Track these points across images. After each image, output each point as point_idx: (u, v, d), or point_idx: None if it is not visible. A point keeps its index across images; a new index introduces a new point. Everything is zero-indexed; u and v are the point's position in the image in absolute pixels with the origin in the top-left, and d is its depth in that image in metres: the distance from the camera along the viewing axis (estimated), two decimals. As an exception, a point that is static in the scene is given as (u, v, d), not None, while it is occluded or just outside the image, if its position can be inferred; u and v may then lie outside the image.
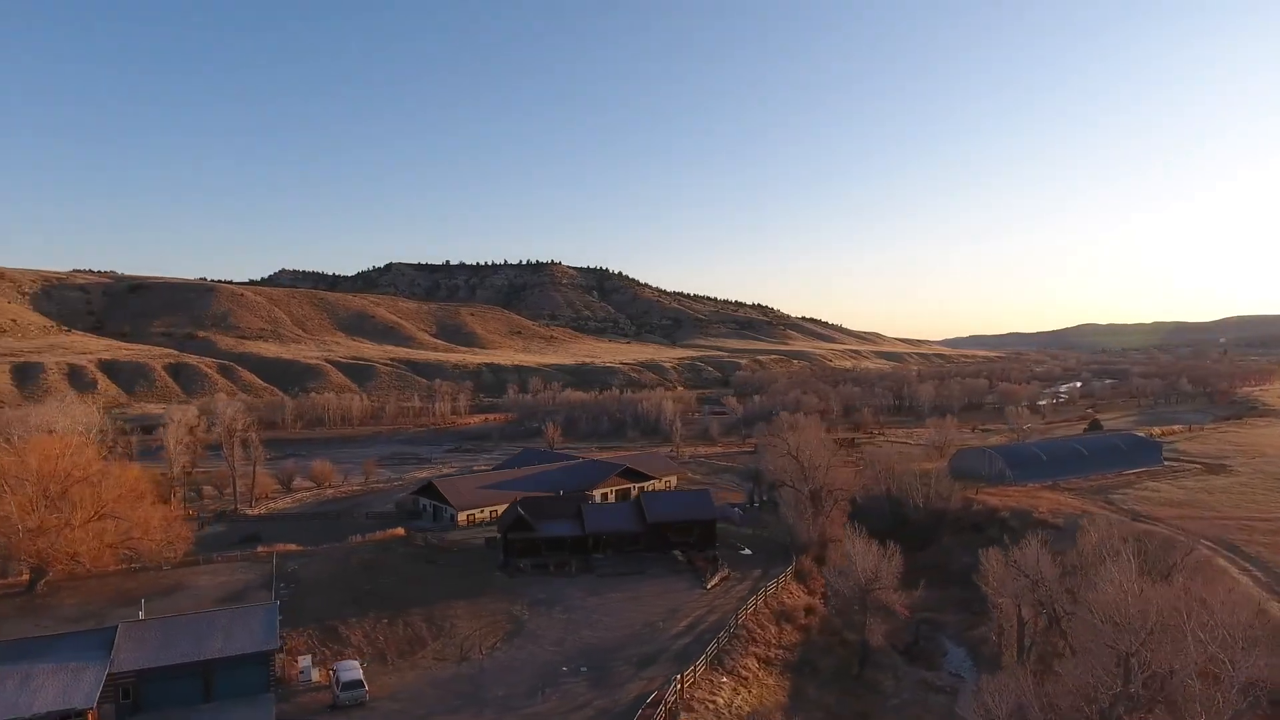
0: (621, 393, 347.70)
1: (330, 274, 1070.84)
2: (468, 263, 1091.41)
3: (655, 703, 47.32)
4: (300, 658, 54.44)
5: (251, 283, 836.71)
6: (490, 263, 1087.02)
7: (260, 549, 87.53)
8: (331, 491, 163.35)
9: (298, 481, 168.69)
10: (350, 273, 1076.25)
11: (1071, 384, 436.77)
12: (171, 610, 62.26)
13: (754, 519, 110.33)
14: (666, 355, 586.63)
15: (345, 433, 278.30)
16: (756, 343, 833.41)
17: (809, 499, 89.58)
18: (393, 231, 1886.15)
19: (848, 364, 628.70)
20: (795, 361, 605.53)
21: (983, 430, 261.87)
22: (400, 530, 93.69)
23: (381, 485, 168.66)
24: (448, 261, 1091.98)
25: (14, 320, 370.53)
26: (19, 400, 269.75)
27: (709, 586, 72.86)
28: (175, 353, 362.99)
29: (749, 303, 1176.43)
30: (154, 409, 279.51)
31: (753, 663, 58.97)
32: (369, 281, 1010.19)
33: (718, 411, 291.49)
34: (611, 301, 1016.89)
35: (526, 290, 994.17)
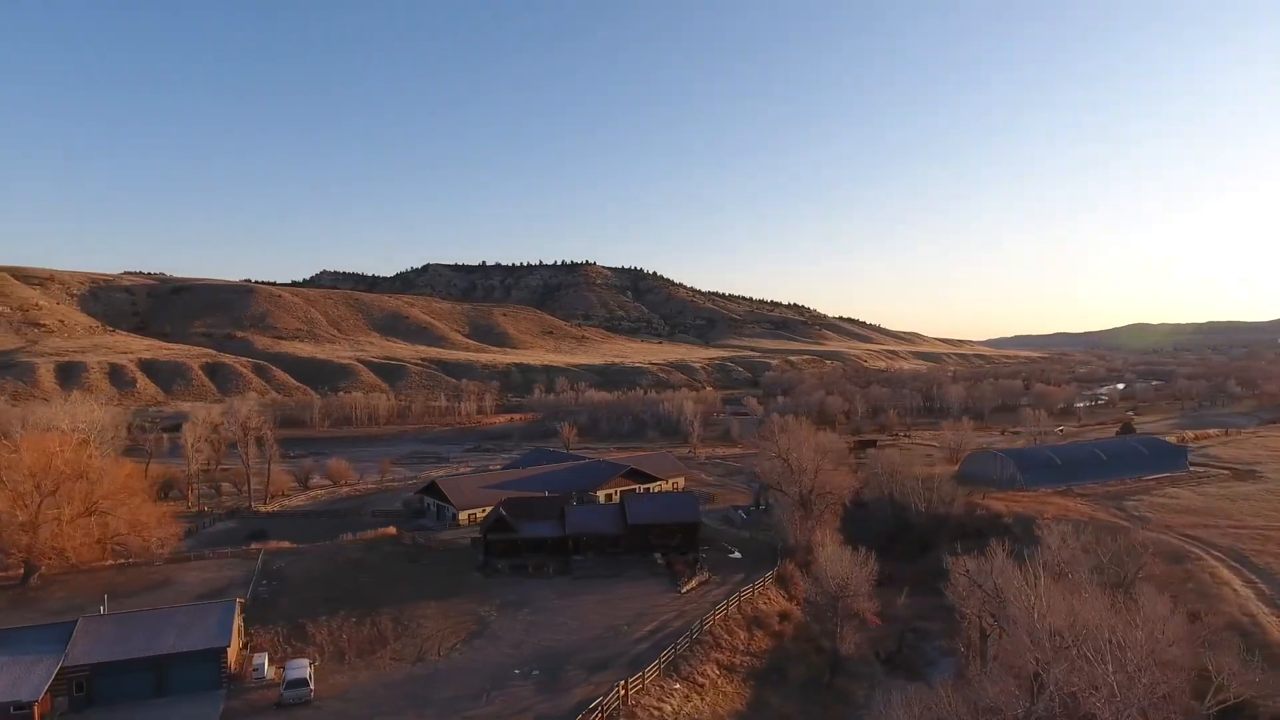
0: (645, 393, 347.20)
1: (370, 275, 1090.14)
2: (503, 263, 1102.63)
3: (596, 709, 46.73)
4: (256, 655, 55.02)
5: (294, 284, 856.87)
6: (525, 263, 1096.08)
7: (254, 546, 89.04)
8: (346, 490, 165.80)
9: (315, 480, 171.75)
10: (389, 274, 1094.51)
11: (1113, 386, 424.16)
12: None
13: (757, 522, 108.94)
14: (697, 355, 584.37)
15: (371, 431, 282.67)
16: (791, 343, 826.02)
17: (798, 502, 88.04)
18: (430, 233, 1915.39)
19: (882, 365, 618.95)
20: (828, 362, 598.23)
21: (1013, 433, 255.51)
22: (392, 529, 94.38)
23: (396, 484, 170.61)
24: (484, 262, 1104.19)
25: (61, 321, 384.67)
26: (60, 395, 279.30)
27: (683, 590, 72.01)
28: (213, 352, 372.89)
29: (785, 302, 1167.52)
30: (189, 408, 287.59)
31: (713, 669, 58.02)
32: (406, 282, 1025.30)
33: (739, 412, 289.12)
34: (645, 302, 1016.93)
35: (561, 291, 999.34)
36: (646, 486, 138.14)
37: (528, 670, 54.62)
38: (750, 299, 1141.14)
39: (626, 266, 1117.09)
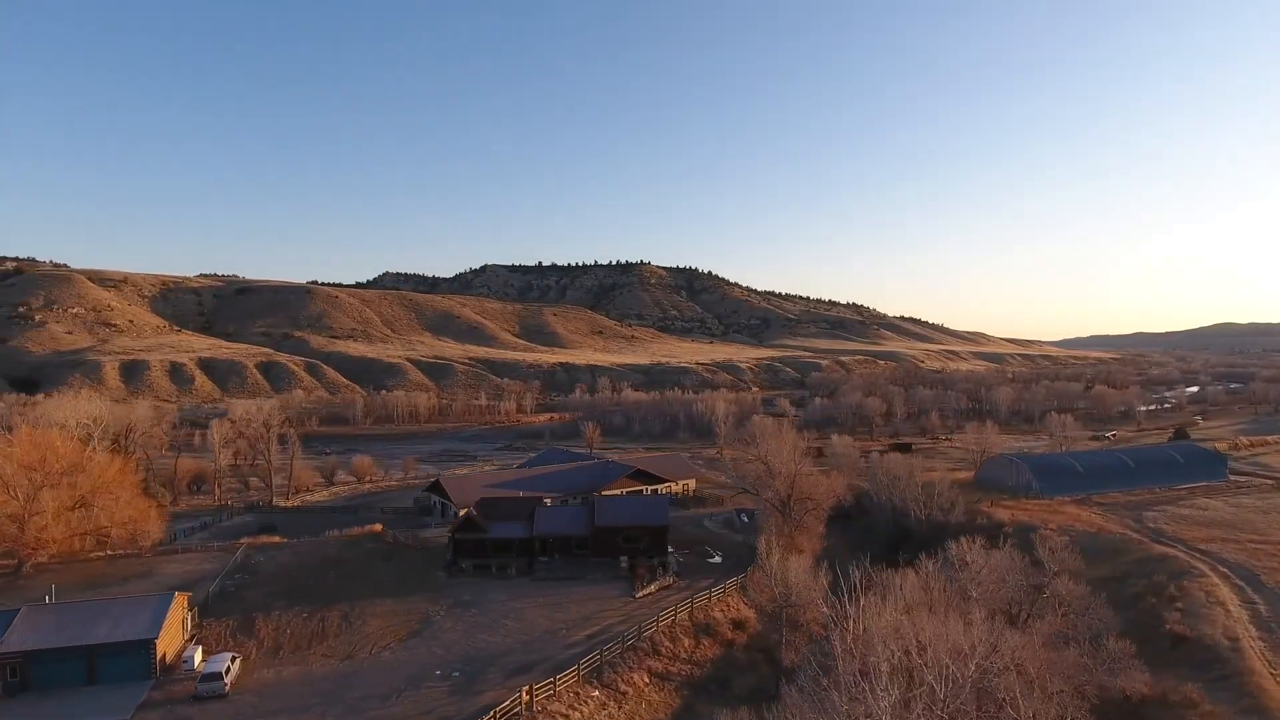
0: (683, 393, 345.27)
1: (430, 276, 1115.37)
2: (559, 264, 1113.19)
3: (494, 714, 46.26)
4: (189, 648, 56.43)
5: (357, 285, 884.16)
6: (580, 264, 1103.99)
7: (244, 540, 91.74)
8: (369, 486, 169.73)
9: (340, 476, 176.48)
10: (448, 274, 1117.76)
11: (1186, 389, 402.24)
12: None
13: (756, 527, 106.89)
14: (746, 356, 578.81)
15: (412, 429, 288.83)
16: (847, 343, 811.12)
17: (777, 508, 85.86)
18: (489, 235, 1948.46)
19: (938, 365, 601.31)
20: (881, 362, 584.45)
21: (1061, 436, 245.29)
22: (377, 527, 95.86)
23: (417, 481, 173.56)
24: (539, 263, 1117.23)
25: (131, 321, 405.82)
26: (125, 393, 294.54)
27: (638, 595, 70.91)
28: (270, 351, 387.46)
29: (843, 301, 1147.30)
30: (243, 404, 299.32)
31: (642, 677, 56.84)
32: (464, 283, 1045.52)
33: (773, 413, 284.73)
34: (700, 301, 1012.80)
35: (615, 290, 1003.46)
36: (654, 488, 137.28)
37: (449, 671, 54.53)
38: (807, 298, 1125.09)
39: (681, 266, 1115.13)
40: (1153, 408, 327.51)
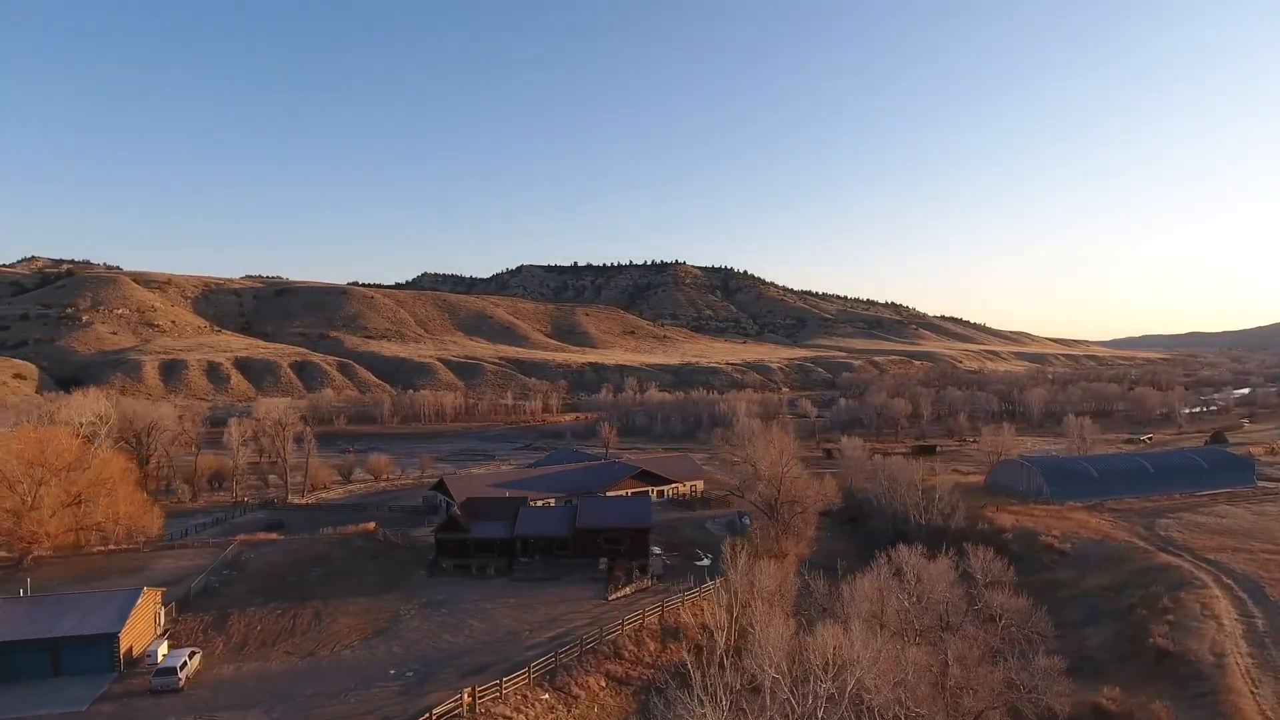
0: (708, 393, 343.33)
1: (467, 276, 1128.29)
2: (594, 264, 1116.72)
3: (437, 715, 46.20)
4: (156, 642, 57.57)
5: (396, 285, 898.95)
6: (615, 264, 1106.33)
7: (240, 537, 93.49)
8: (384, 484, 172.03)
9: (357, 474, 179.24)
10: (485, 275, 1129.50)
11: (1235, 390, 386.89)
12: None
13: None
14: (779, 356, 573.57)
15: (437, 428, 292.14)
16: (884, 343, 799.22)
17: (765, 511, 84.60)
18: (526, 235, 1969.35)
19: (976, 366, 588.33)
20: (917, 363, 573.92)
21: (1100, 439, 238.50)
22: (370, 525, 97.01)
23: (432, 480, 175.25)
24: (575, 263, 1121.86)
25: (173, 321, 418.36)
26: (163, 392, 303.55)
27: (610, 598, 70.40)
28: (304, 351, 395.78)
29: (882, 301, 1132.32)
30: (267, 404, 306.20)
31: (599, 681, 56.34)
32: (501, 283, 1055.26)
33: (796, 415, 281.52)
34: (734, 301, 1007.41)
35: (650, 290, 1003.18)
36: (661, 489, 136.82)
37: (403, 671, 54.71)
38: (844, 298, 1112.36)
39: (717, 266, 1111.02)
40: (1197, 410, 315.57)
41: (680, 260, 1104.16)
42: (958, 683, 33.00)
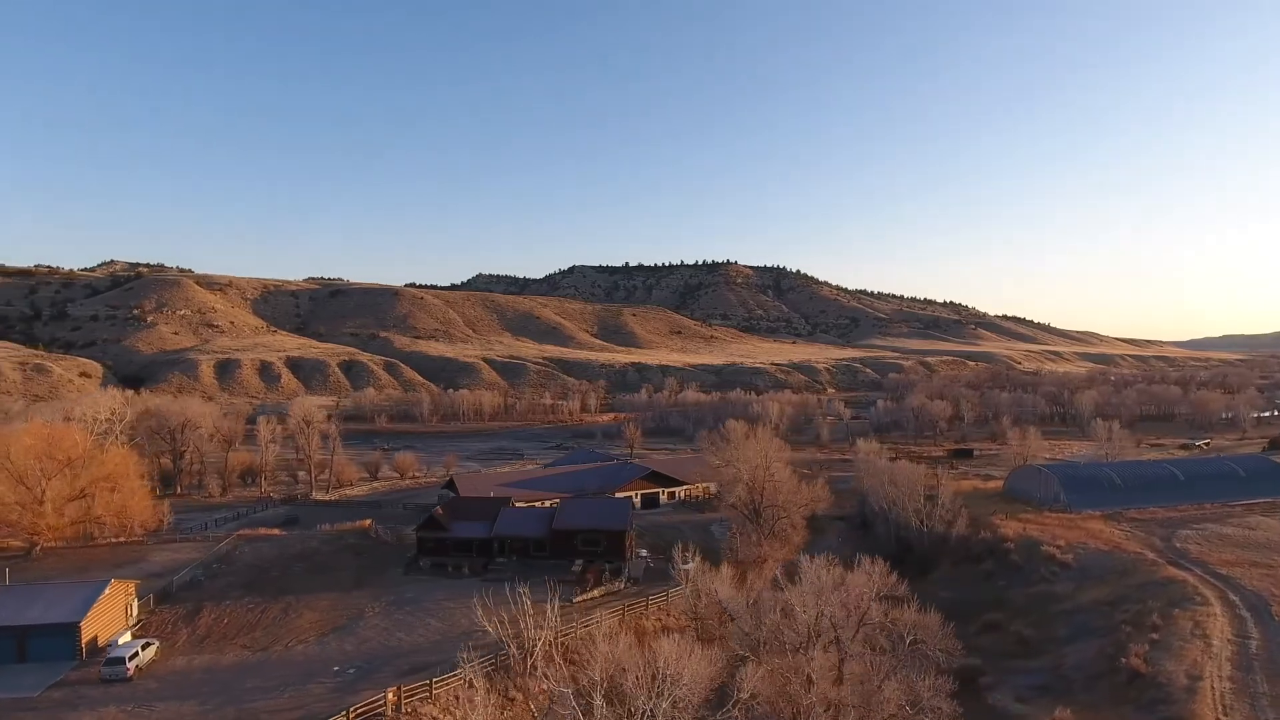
0: (746, 394, 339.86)
1: (520, 277, 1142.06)
2: (646, 264, 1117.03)
3: (356, 712, 46.58)
4: (120, 633, 59.66)
5: (451, 287, 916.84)
6: (666, 264, 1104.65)
7: (239, 532, 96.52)
8: (408, 482, 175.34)
9: (384, 471, 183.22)
10: (538, 275, 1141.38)
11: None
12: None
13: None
14: (827, 356, 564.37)
15: (475, 427, 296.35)
16: (940, 343, 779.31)
17: (748, 515, 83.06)
18: (579, 236, 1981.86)
19: (1034, 366, 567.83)
20: (971, 363, 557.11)
21: (1153, 445, 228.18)
22: (366, 522, 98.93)
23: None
24: (626, 263, 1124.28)
25: (232, 322, 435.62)
26: (217, 390, 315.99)
27: (574, 600, 70.00)
28: (353, 351, 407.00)
29: (940, 300, 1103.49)
30: (301, 402, 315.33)
31: (539, 684, 55.90)
32: (552, 284, 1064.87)
33: (830, 416, 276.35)
34: (786, 301, 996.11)
35: (701, 290, 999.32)
36: (672, 491, 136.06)
37: (346, 668, 55.41)
38: (900, 297, 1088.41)
39: (769, 265, 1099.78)
40: (1267, 414, 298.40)
41: (732, 260, 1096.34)
42: (828, 701, 31.45)
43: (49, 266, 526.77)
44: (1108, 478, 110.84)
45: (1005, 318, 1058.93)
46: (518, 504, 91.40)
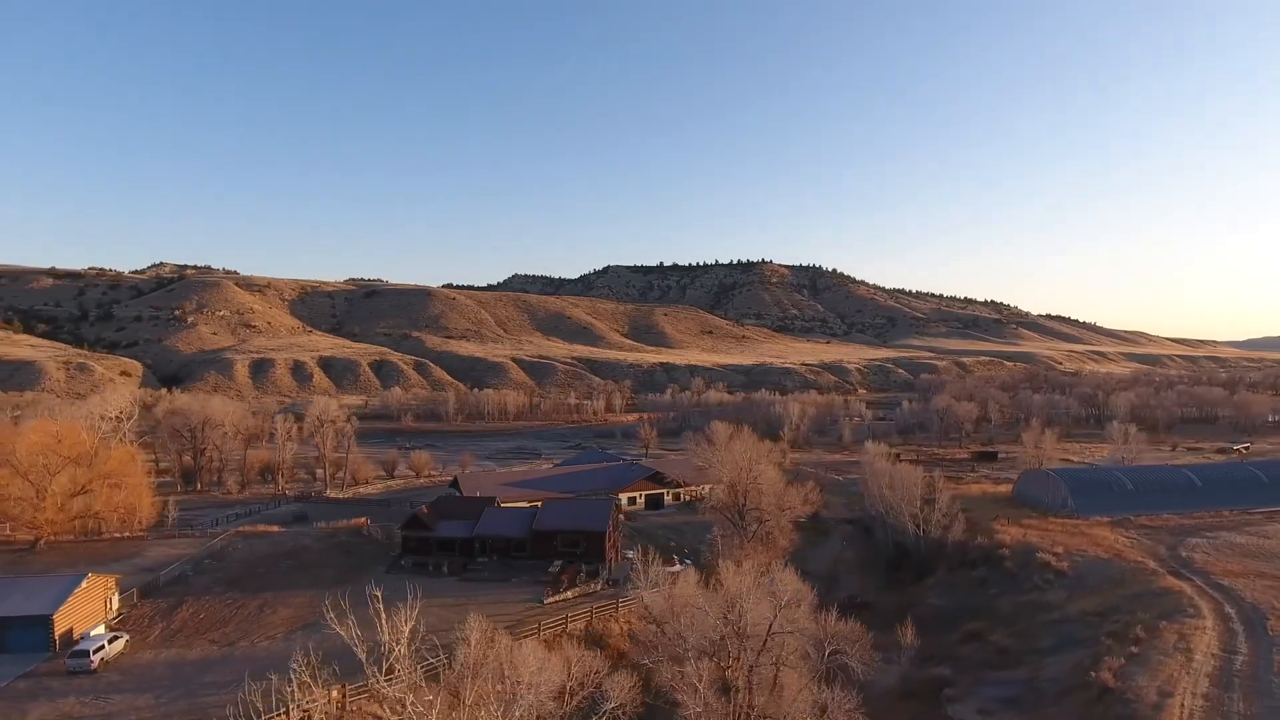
0: (772, 394, 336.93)
1: (556, 277, 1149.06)
2: (680, 264, 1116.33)
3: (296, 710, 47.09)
4: (96, 625, 61.27)
5: (488, 287, 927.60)
6: (701, 263, 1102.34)
7: (237, 528, 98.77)
8: (423, 481, 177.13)
9: (400, 470, 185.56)
10: (573, 276, 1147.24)
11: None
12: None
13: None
14: (860, 356, 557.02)
15: (499, 426, 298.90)
16: (979, 343, 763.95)
17: (730, 519, 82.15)
18: (613, 236, 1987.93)
19: (1075, 367, 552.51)
20: (1009, 364, 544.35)
21: (1191, 448, 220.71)
22: (362, 520, 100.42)
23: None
24: (661, 263, 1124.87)
25: (269, 323, 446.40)
26: (251, 389, 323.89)
27: (545, 601, 69.97)
28: (384, 350, 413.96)
29: (980, 299, 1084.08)
30: (351, 400, 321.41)
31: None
32: (587, 284, 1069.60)
33: (851, 416, 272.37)
34: (822, 300, 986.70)
35: (735, 290, 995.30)
36: (677, 492, 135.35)
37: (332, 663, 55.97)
38: (939, 296, 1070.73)
39: (804, 264, 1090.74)
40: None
41: (767, 259, 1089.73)
42: (723, 711, 30.65)
43: (99, 269, 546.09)
44: (1118, 482, 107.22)
45: (1049, 317, 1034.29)
46: (504, 504, 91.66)
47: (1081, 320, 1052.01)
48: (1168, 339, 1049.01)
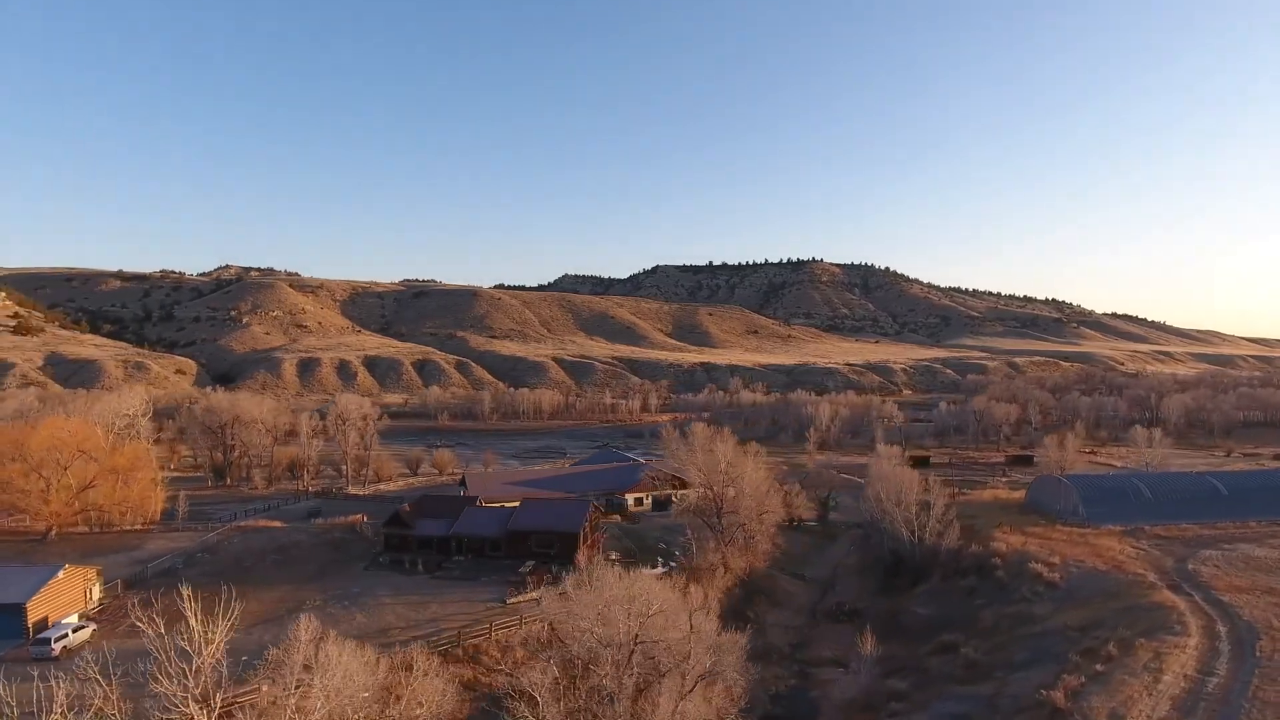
0: (809, 394, 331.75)
1: (605, 277, 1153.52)
2: (730, 263, 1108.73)
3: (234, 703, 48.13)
4: (69, 615, 63.82)
5: (538, 287, 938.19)
6: (750, 262, 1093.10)
7: (237, 523, 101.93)
8: (444, 479, 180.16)
9: (424, 468, 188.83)
10: (623, 275, 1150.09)
11: None
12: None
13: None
14: (908, 356, 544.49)
15: (532, 425, 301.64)
16: (1037, 343, 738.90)
17: (708, 523, 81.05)
18: (663, 235, 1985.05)
19: (1137, 368, 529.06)
20: (1065, 364, 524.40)
21: (1247, 454, 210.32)
22: (358, 517, 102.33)
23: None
24: (710, 262, 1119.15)
25: (320, 323, 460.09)
26: (299, 387, 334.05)
27: (508, 601, 70.14)
28: (427, 350, 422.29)
29: (1040, 298, 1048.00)
30: (393, 399, 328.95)
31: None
32: (636, 284, 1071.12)
33: (883, 418, 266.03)
34: (874, 299, 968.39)
35: (785, 289, 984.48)
36: (684, 493, 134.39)
37: (251, 660, 57.25)
38: (996, 294, 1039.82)
39: (856, 263, 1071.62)
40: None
41: (818, 258, 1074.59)
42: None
43: (165, 271, 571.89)
44: (1135, 489, 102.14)
45: (1114, 316, 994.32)
46: (488, 504, 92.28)
47: (1150, 319, 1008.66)
48: (1244, 339, 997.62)
